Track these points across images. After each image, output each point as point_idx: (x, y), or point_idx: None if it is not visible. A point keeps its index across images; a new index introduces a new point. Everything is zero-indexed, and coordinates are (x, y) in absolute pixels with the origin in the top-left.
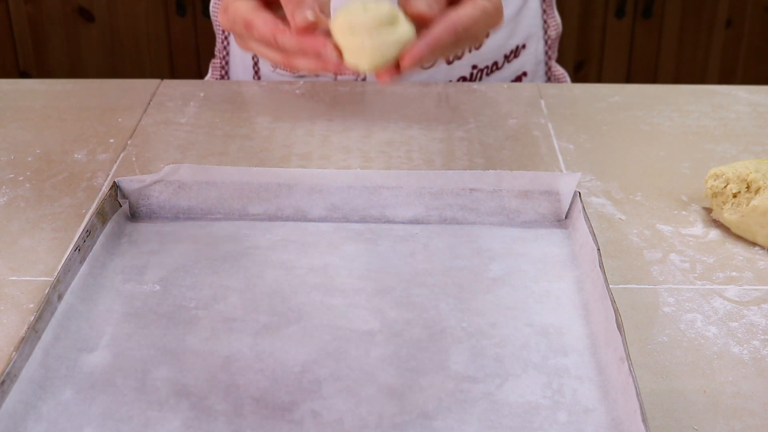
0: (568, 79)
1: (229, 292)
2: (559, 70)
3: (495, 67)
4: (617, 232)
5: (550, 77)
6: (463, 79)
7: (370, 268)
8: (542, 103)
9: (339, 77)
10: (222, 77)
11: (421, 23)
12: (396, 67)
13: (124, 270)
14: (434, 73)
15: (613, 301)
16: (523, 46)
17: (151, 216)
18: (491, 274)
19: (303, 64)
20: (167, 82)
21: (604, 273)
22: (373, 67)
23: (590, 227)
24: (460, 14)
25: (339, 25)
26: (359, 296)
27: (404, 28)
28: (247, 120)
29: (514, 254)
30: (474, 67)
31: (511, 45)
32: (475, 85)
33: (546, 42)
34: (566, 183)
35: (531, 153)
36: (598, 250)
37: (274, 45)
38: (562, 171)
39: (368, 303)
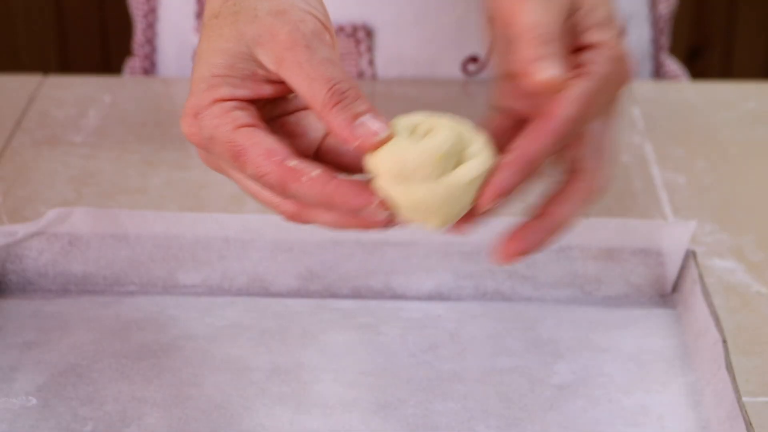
0: (686, 80)
1: (146, 408)
2: (672, 68)
3: None
4: (755, 315)
5: (661, 78)
6: None
7: (367, 371)
8: (636, 111)
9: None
10: None
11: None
12: (473, 210)
13: None
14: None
15: (748, 426)
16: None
17: (26, 288)
18: (556, 380)
19: (327, 218)
20: (54, 78)
21: (734, 379)
22: (444, 225)
23: (711, 307)
24: (566, 103)
25: (383, 167)
26: (350, 414)
27: (480, 159)
28: (180, 138)
29: (591, 349)
30: None
31: None
32: None
33: (654, 23)
34: (674, 237)
35: (619, 190)
36: (725, 342)
37: (279, 190)
38: (667, 218)
39: (365, 425)
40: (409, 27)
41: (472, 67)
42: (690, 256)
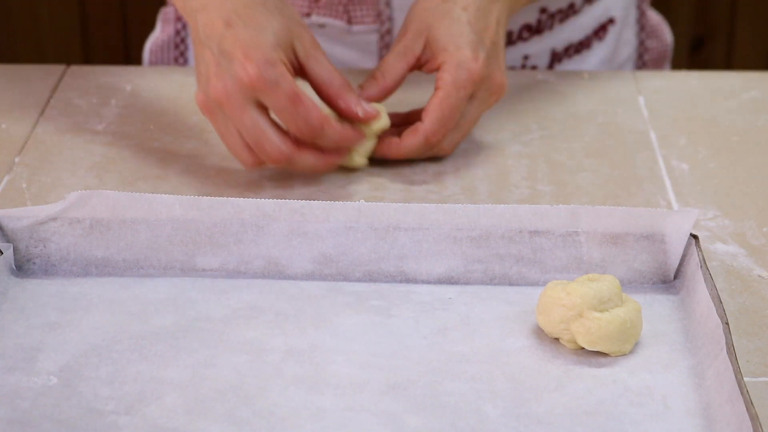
0: (667, 32)
1: (164, 389)
2: (654, 18)
3: (571, 10)
4: (756, 298)
5: (643, 26)
6: (528, 29)
7: (379, 352)
8: (641, 100)
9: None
10: (177, 33)
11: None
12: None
13: (4, 354)
14: None
15: (749, 405)
16: None
17: (48, 270)
18: (562, 361)
19: (310, 160)
20: (76, 68)
21: (736, 361)
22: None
23: (714, 291)
24: (426, 114)
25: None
26: (362, 394)
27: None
28: (198, 126)
29: None
30: (543, 11)
31: None
32: (540, 74)
33: None
34: (677, 223)
35: (624, 176)
36: (727, 325)
37: (312, 132)
38: (670, 205)
39: (375, 405)
40: None
41: None
42: (693, 242)
